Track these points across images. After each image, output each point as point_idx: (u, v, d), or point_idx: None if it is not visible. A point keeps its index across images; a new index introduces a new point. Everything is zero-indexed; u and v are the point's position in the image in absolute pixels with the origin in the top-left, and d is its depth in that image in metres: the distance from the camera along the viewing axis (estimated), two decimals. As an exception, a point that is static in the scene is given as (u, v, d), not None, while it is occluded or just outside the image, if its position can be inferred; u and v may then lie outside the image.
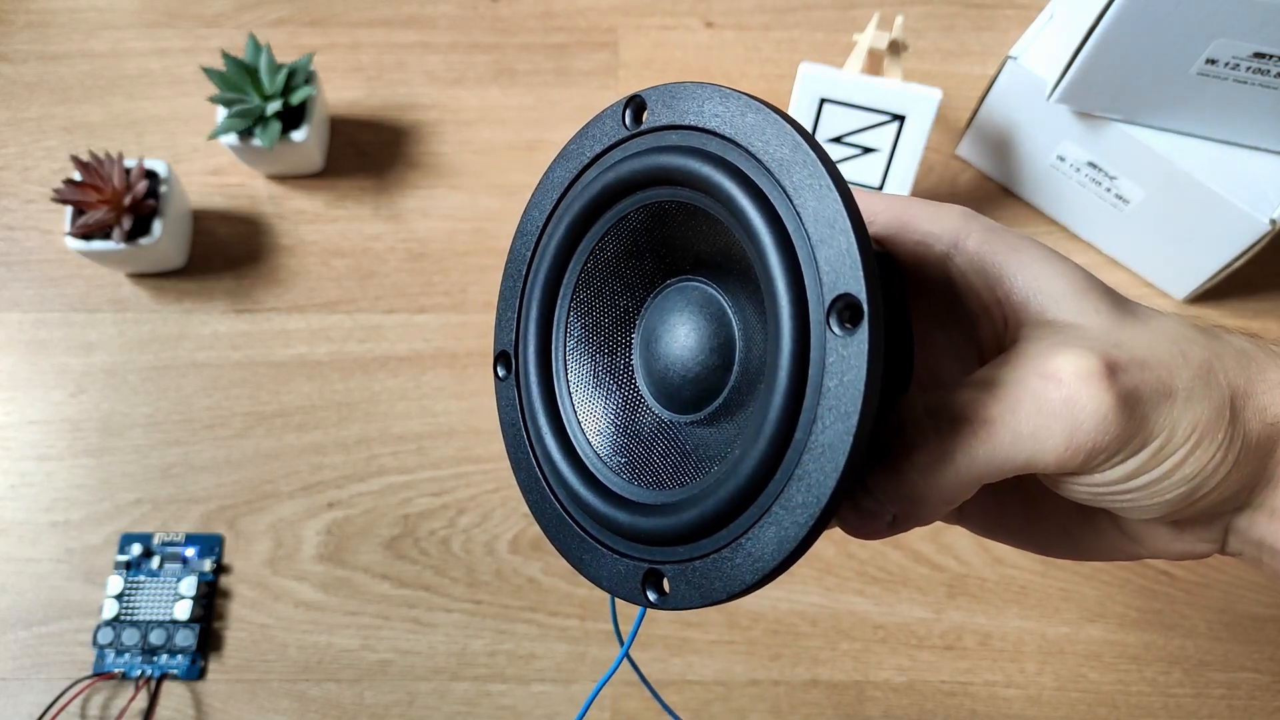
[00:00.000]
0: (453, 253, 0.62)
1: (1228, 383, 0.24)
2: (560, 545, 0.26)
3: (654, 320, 0.26)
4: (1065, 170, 0.59)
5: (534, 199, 0.28)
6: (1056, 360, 0.23)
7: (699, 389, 0.25)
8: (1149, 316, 0.25)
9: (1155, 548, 0.28)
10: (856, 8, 0.69)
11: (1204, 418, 0.23)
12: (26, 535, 0.55)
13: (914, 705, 0.52)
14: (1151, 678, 0.53)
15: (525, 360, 0.27)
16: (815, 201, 0.21)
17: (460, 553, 0.55)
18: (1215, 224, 0.54)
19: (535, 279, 0.27)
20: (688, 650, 0.53)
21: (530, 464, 0.27)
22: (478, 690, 0.52)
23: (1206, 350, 0.24)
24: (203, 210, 0.63)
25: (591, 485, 0.25)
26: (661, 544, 0.23)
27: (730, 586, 0.22)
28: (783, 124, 0.21)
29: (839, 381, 0.20)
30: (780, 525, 0.21)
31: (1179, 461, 0.23)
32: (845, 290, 0.20)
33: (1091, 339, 0.23)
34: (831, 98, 0.56)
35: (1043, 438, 0.22)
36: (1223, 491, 0.24)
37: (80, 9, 0.69)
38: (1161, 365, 0.23)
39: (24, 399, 0.58)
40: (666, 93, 0.24)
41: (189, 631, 0.53)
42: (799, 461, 0.21)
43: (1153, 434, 0.23)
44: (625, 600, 0.24)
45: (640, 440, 0.26)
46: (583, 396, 0.27)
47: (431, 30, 0.69)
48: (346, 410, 0.58)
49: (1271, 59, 0.47)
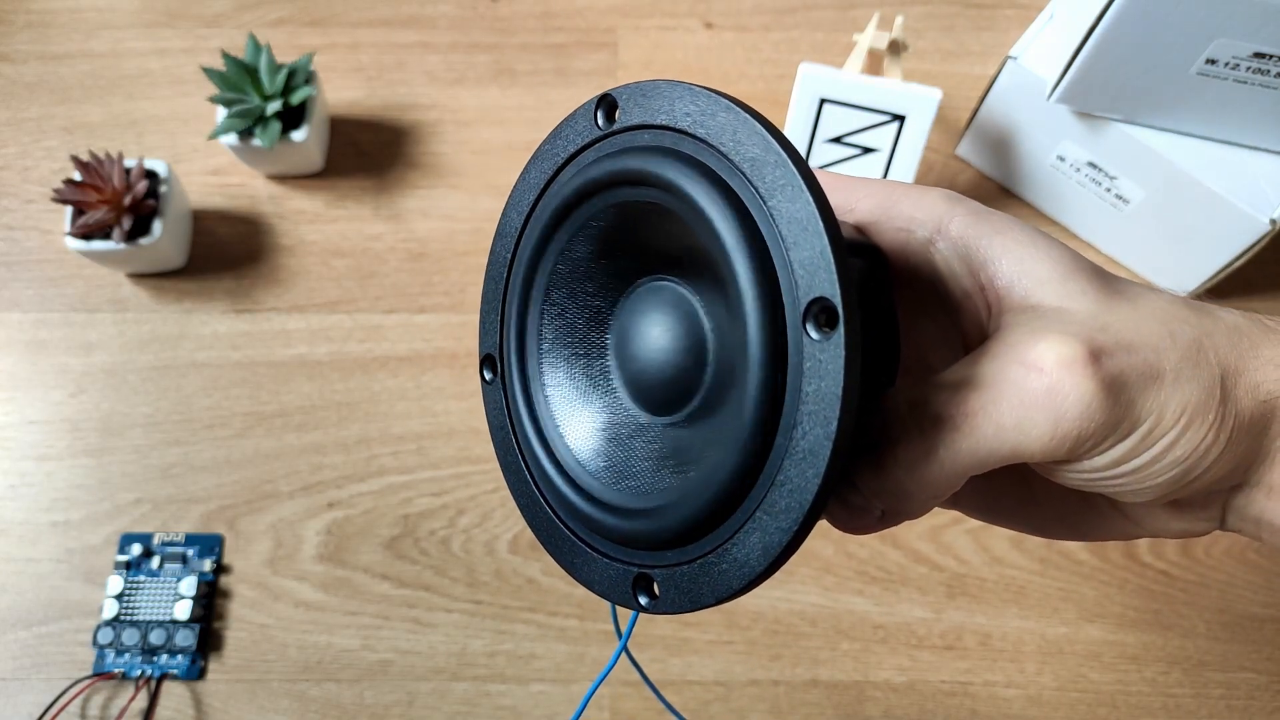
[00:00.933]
0: (453, 253, 0.62)
1: (1218, 361, 0.23)
2: (552, 549, 0.26)
3: (626, 321, 0.26)
4: (1065, 170, 0.59)
5: (511, 200, 0.27)
6: (1039, 348, 0.22)
7: (674, 390, 0.24)
8: (1137, 295, 0.25)
9: (1154, 527, 0.28)
10: (856, 8, 0.69)
11: (1193, 399, 0.23)
12: (26, 535, 0.55)
13: (914, 705, 0.52)
14: (1151, 678, 0.53)
15: (509, 363, 0.27)
16: (787, 203, 0.20)
17: (460, 553, 0.55)
18: (1215, 224, 0.54)
19: (514, 281, 0.27)
20: (687, 650, 0.53)
21: (519, 467, 0.27)
22: (477, 690, 0.52)
23: (1196, 329, 0.24)
24: (203, 210, 0.63)
25: (577, 489, 0.25)
26: (649, 548, 0.23)
27: (718, 592, 0.22)
28: (753, 123, 0.21)
29: (817, 386, 0.20)
30: (764, 531, 0.21)
31: (1169, 445, 0.23)
32: (820, 294, 0.20)
33: (1076, 323, 0.23)
34: (831, 98, 0.56)
35: (1026, 428, 0.22)
36: (1217, 471, 0.24)
37: (80, 9, 0.69)
38: (1148, 347, 0.23)
39: (24, 399, 0.58)
40: (638, 91, 0.24)
41: (189, 631, 0.53)
42: (780, 467, 0.20)
43: (1140, 418, 0.22)
44: (616, 604, 0.24)
45: (619, 443, 0.26)
46: (561, 399, 0.26)
47: (431, 30, 0.69)
48: (346, 410, 0.58)
49: (1271, 59, 0.47)
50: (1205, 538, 0.55)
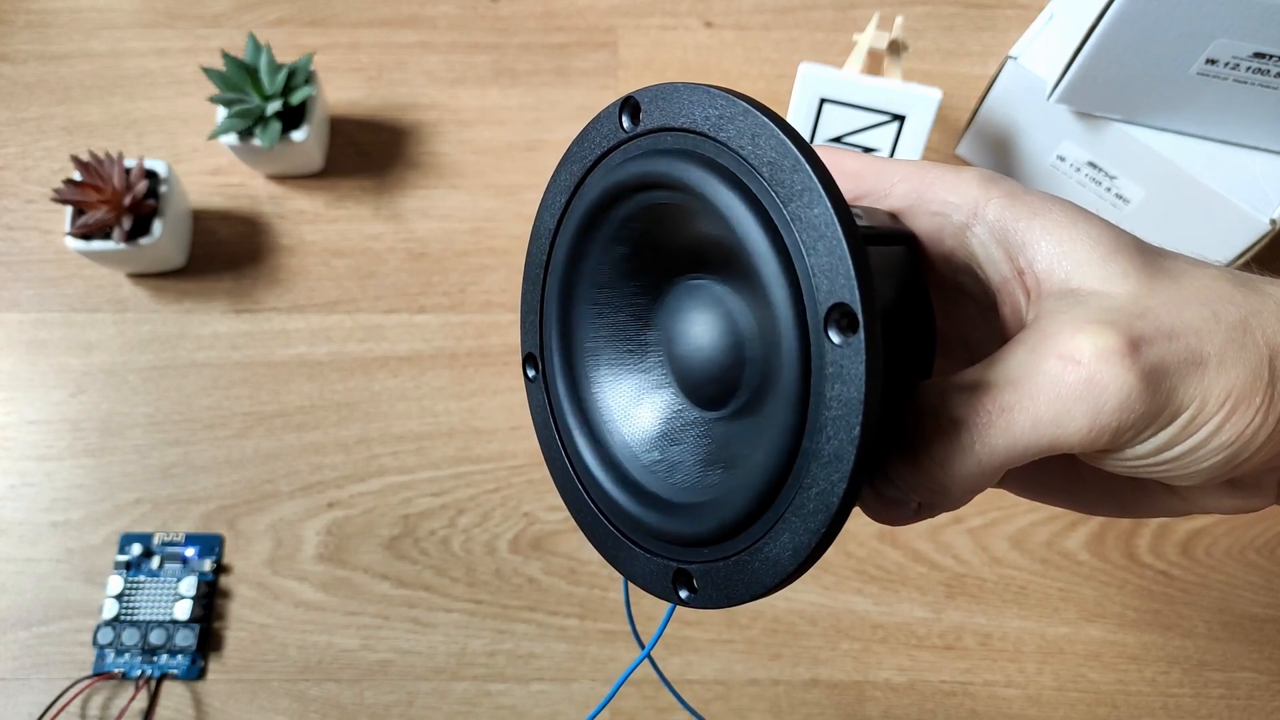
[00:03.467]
0: (452, 253, 0.62)
1: (1265, 341, 0.23)
2: (596, 542, 0.27)
3: (670, 318, 0.26)
4: (1065, 170, 0.59)
5: (544, 202, 0.28)
6: (1077, 339, 0.22)
7: (721, 385, 0.25)
8: (1181, 273, 0.24)
9: (1207, 505, 0.27)
10: (856, 8, 0.69)
11: (1239, 382, 0.22)
12: (26, 535, 0.55)
13: (914, 705, 0.52)
14: (1151, 678, 0.53)
15: (551, 362, 0.28)
16: (806, 207, 0.21)
17: (460, 553, 0.55)
18: (1215, 224, 0.54)
19: (552, 281, 0.28)
20: (687, 649, 0.53)
21: (563, 462, 0.28)
22: (477, 690, 0.52)
23: (1243, 307, 0.23)
24: (203, 210, 0.63)
25: (622, 485, 0.26)
26: (687, 545, 0.24)
27: (753, 589, 0.23)
28: (771, 127, 0.21)
29: (841, 391, 0.20)
30: (794, 532, 0.21)
31: (1214, 430, 0.22)
32: (839, 300, 0.20)
33: (1115, 310, 0.22)
34: (831, 98, 0.56)
35: (1064, 422, 0.22)
36: (1269, 451, 0.23)
37: (80, 9, 0.69)
38: (1191, 331, 0.22)
39: (24, 399, 0.58)
40: (659, 94, 0.24)
41: (189, 631, 0.53)
42: (808, 470, 0.21)
43: (1183, 405, 0.22)
44: (657, 597, 0.25)
45: (672, 437, 0.26)
46: (613, 395, 0.27)
47: (431, 30, 0.69)
48: (346, 410, 0.58)
49: (1271, 59, 0.47)
50: (1205, 538, 0.55)
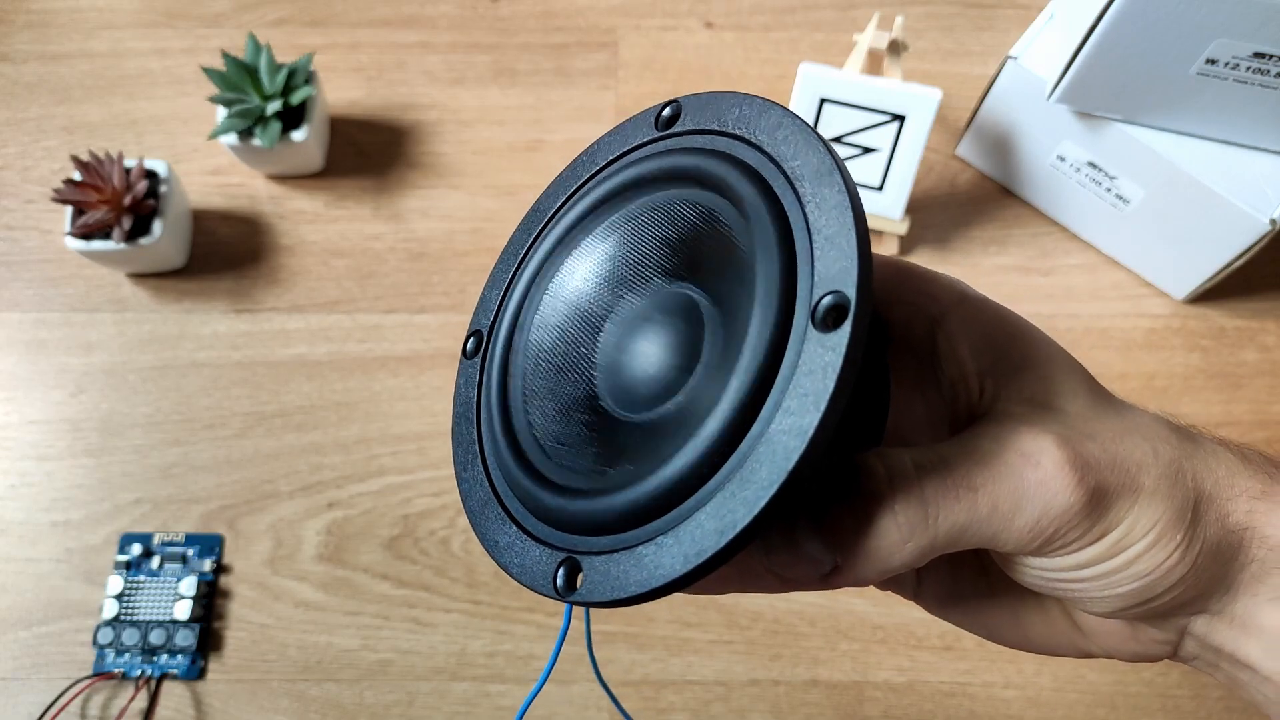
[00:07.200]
0: (452, 253, 0.62)
1: (1194, 484, 0.24)
2: (478, 527, 0.25)
3: (628, 317, 0.26)
4: (1065, 170, 0.59)
5: (551, 187, 0.28)
6: (1039, 442, 0.23)
7: (653, 389, 0.24)
8: (1126, 408, 0.26)
9: (1108, 645, 0.28)
10: (856, 8, 0.69)
11: (1165, 517, 0.24)
12: (26, 535, 0.55)
13: (913, 706, 0.52)
14: (1149, 678, 0.53)
15: (495, 340, 0.27)
16: (823, 213, 0.21)
17: (460, 553, 0.55)
18: (1215, 224, 0.54)
19: (525, 267, 0.28)
20: (688, 650, 0.53)
21: (471, 442, 0.27)
22: (477, 690, 0.52)
23: (1178, 450, 0.25)
24: (203, 210, 0.63)
25: (525, 468, 0.25)
26: (586, 531, 0.23)
27: (648, 582, 0.21)
28: (813, 137, 0.22)
29: (810, 372, 0.20)
30: (719, 518, 0.20)
31: (1134, 556, 0.24)
32: (835, 288, 0.20)
33: (1069, 427, 0.24)
34: (831, 98, 0.56)
35: (1014, 514, 0.23)
36: (1178, 593, 0.24)
37: (80, 9, 0.69)
38: (1132, 461, 0.24)
39: (24, 399, 0.58)
40: (698, 101, 0.25)
41: (189, 631, 0.53)
42: (750, 454, 0.20)
43: (1112, 526, 0.23)
44: (531, 589, 0.23)
45: (585, 429, 0.25)
46: (538, 380, 0.26)
47: (431, 30, 0.69)
48: (346, 410, 0.58)
49: (1271, 59, 0.47)
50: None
